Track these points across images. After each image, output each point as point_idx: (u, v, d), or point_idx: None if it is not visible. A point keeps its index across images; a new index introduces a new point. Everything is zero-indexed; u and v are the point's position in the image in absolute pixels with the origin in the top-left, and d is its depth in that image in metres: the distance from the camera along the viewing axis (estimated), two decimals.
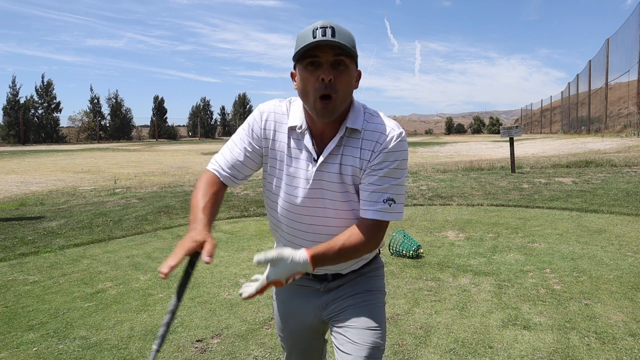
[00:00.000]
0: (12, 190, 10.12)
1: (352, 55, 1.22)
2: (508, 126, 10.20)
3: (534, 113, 61.39)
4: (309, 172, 1.31)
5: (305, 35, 1.20)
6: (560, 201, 6.68)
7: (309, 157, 1.31)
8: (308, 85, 1.21)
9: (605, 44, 26.81)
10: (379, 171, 1.27)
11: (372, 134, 1.29)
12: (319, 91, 1.19)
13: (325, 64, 1.19)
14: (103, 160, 20.31)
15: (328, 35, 1.17)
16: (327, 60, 1.19)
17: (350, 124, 1.28)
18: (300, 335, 1.55)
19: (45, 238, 5.45)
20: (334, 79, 1.19)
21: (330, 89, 1.19)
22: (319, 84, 1.19)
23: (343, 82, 1.21)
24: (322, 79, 1.18)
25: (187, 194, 8.60)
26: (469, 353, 2.51)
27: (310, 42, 1.17)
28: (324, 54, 1.19)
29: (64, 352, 2.64)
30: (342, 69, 1.21)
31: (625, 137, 20.34)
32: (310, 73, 1.20)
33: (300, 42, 1.21)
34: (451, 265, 4.02)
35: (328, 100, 1.20)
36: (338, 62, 1.20)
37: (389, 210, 1.27)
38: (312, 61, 1.20)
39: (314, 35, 1.17)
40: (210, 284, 3.73)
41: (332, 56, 1.19)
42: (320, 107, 1.21)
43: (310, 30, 1.19)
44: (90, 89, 68.01)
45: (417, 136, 63.05)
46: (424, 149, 26.26)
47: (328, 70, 1.19)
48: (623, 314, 2.91)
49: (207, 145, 37.58)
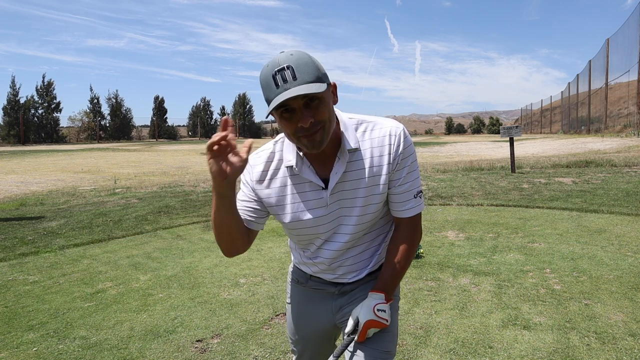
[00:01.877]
0: (12, 190, 10.12)
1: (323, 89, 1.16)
2: (508, 126, 10.20)
3: (534, 113, 61.39)
4: (324, 198, 1.32)
5: (267, 82, 1.16)
6: (560, 201, 6.68)
7: (314, 186, 1.32)
8: (289, 130, 1.20)
9: (605, 44, 26.81)
10: (402, 171, 1.33)
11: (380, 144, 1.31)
12: (302, 133, 1.18)
13: (298, 110, 1.17)
14: (103, 160, 20.31)
15: (290, 80, 1.12)
16: (299, 106, 1.16)
17: (349, 146, 1.28)
18: (313, 339, 1.56)
19: (45, 238, 5.45)
20: (313, 117, 1.17)
21: (314, 127, 1.18)
22: (299, 129, 1.18)
23: (322, 114, 1.18)
24: (301, 126, 1.17)
25: (187, 193, 8.60)
26: (469, 353, 2.51)
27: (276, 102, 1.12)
28: (293, 102, 1.15)
29: (64, 352, 2.64)
30: (317, 104, 1.17)
31: (625, 137, 20.34)
32: (287, 120, 1.19)
33: (266, 91, 1.17)
34: (451, 265, 4.02)
35: (313, 134, 1.19)
36: (308, 102, 1.17)
37: (419, 203, 1.38)
38: (285, 109, 1.17)
39: (275, 83, 1.14)
40: (210, 284, 3.73)
41: (302, 99, 1.15)
42: (308, 143, 1.20)
43: (270, 76, 1.15)
44: (90, 89, 68.12)
45: (417, 136, 63.03)
46: (424, 149, 26.26)
47: (303, 118, 1.16)
48: (623, 314, 2.91)
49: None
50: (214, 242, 5.10)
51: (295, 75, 1.13)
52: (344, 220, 1.35)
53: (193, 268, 4.20)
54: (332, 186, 1.30)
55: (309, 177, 1.31)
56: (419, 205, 1.38)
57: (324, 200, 1.32)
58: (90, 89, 69.28)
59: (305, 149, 1.24)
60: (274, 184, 1.36)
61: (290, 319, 1.60)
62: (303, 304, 1.55)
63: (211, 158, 1.12)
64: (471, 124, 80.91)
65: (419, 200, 1.37)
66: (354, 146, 1.29)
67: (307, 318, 1.54)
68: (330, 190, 1.31)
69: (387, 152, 1.31)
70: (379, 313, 1.28)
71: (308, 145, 1.21)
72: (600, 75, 28.30)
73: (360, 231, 1.37)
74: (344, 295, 1.46)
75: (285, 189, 1.35)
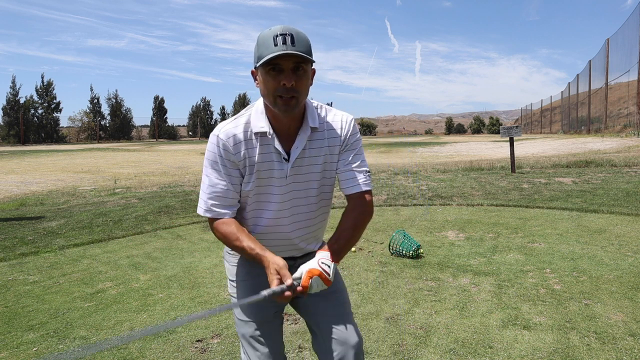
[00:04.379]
0: (12, 190, 10.12)
1: (310, 61, 1.36)
2: (508, 126, 10.20)
3: (534, 113, 61.39)
4: (284, 170, 1.46)
5: (266, 41, 1.32)
6: (560, 201, 6.68)
7: (279, 157, 1.46)
8: (270, 87, 1.35)
9: (605, 44, 26.82)
10: (350, 152, 1.51)
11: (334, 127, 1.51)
12: (281, 92, 1.34)
13: (286, 70, 1.33)
14: (103, 160, 20.31)
15: (288, 44, 1.30)
16: (288, 67, 1.33)
17: (312, 124, 1.46)
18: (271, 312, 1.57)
19: (45, 238, 5.45)
20: (295, 83, 1.33)
21: (293, 91, 1.34)
22: (280, 87, 1.33)
23: (302, 84, 1.36)
24: (283, 84, 1.33)
25: (187, 193, 8.61)
26: (469, 353, 2.51)
27: (273, 54, 1.29)
28: (285, 62, 1.32)
29: (64, 352, 2.64)
30: (301, 73, 1.35)
31: (625, 137, 20.34)
32: (272, 77, 1.33)
33: (262, 48, 1.32)
34: (451, 265, 4.02)
35: (290, 99, 1.35)
36: (297, 67, 1.34)
37: (367, 180, 1.52)
38: (274, 67, 1.32)
39: (275, 42, 1.30)
40: (210, 284, 3.73)
41: (293, 63, 1.32)
42: (282, 104, 1.35)
43: (271, 37, 1.31)
44: (91, 89, 67.95)
45: (417, 136, 63.03)
46: (424, 149, 26.26)
47: (289, 77, 1.33)
48: (623, 314, 2.91)
49: (207, 145, 37.51)
50: (214, 242, 5.10)
51: (294, 42, 1.31)
52: (298, 194, 1.50)
53: (193, 268, 4.20)
54: (293, 159, 1.45)
55: (277, 147, 1.44)
56: (367, 182, 1.51)
57: (284, 172, 1.46)
58: (90, 89, 69.14)
59: (277, 110, 1.38)
60: (248, 151, 1.45)
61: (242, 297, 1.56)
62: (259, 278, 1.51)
63: None
64: (471, 124, 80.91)
65: (367, 178, 1.52)
66: (315, 125, 1.47)
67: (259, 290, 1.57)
68: (291, 164, 1.45)
69: (339, 134, 1.50)
70: (322, 265, 1.36)
71: (281, 108, 1.36)
72: (600, 75, 28.31)
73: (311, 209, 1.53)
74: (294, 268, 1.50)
75: (256, 156, 1.45)
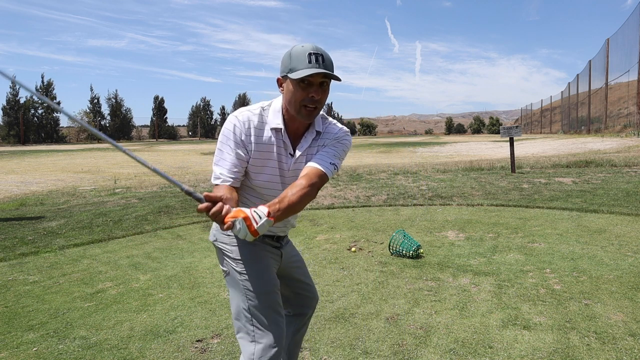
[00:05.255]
0: (12, 190, 10.12)
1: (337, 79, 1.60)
2: (508, 126, 10.20)
3: (534, 113, 61.39)
4: (288, 163, 1.71)
5: (300, 57, 1.55)
6: (560, 201, 6.67)
7: (286, 151, 1.70)
8: (298, 97, 1.59)
9: (605, 44, 26.81)
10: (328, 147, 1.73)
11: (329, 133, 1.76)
12: (306, 102, 1.59)
13: (315, 85, 1.58)
14: (103, 160, 20.31)
15: (320, 63, 1.55)
16: (317, 82, 1.58)
17: (317, 128, 1.73)
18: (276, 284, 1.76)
19: (45, 238, 5.45)
20: (319, 95, 1.59)
21: (316, 102, 1.60)
22: (307, 98, 1.58)
23: (324, 98, 1.63)
24: (312, 96, 1.58)
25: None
26: (469, 353, 2.51)
27: (311, 71, 1.53)
28: (315, 78, 1.57)
29: (64, 352, 2.64)
30: (325, 88, 1.61)
31: (625, 137, 20.34)
32: (302, 89, 1.57)
33: (295, 62, 1.56)
34: (451, 265, 4.02)
35: (313, 109, 1.61)
36: (323, 83, 1.60)
37: (327, 166, 1.65)
38: (305, 80, 1.56)
39: (309, 60, 1.54)
40: (210, 284, 3.73)
41: (321, 78, 1.57)
42: (306, 114, 1.61)
43: (305, 54, 1.55)
44: (90, 89, 67.86)
45: (417, 136, 63.03)
46: (424, 149, 26.26)
47: (317, 91, 1.58)
48: (623, 314, 2.90)
49: (207, 145, 37.57)
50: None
51: (325, 62, 1.57)
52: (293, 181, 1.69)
53: (193, 268, 4.19)
54: (297, 155, 1.70)
55: (287, 142, 1.69)
56: (329, 170, 1.65)
57: (288, 166, 1.71)
58: (90, 89, 69.07)
59: (300, 117, 1.62)
60: (261, 140, 1.68)
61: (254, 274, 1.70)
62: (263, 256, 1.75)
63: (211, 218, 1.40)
64: (471, 124, 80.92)
65: (329, 166, 1.65)
66: (320, 129, 1.73)
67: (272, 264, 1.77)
68: (295, 159, 1.70)
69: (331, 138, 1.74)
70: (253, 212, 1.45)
71: (304, 115, 1.61)
72: (600, 75, 28.30)
73: None
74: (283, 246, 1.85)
75: (272, 147, 1.68)
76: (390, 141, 39.91)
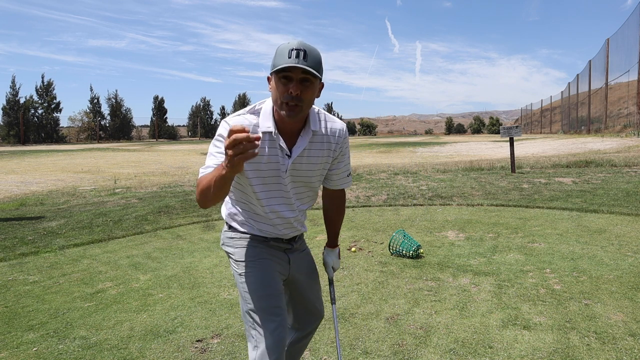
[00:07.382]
0: (12, 190, 10.12)
1: (317, 76, 1.54)
2: (508, 126, 10.19)
3: (534, 113, 61.39)
4: (285, 165, 1.66)
5: (282, 53, 1.51)
6: (560, 201, 6.68)
7: (282, 152, 1.65)
8: (278, 92, 1.55)
9: (605, 44, 26.81)
10: (344, 157, 1.82)
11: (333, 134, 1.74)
12: (287, 99, 1.53)
13: (295, 80, 1.52)
14: (103, 160, 20.31)
15: (300, 59, 1.49)
16: (297, 78, 1.52)
17: (313, 127, 1.68)
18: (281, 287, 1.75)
19: (45, 238, 5.45)
20: (301, 93, 1.53)
21: (297, 100, 1.53)
22: (287, 95, 1.53)
23: (307, 94, 1.55)
24: (290, 92, 1.52)
25: (187, 193, 8.60)
26: (469, 353, 2.51)
27: (284, 65, 1.48)
28: (295, 73, 1.51)
29: (64, 352, 2.64)
30: (307, 85, 1.54)
31: (625, 137, 20.34)
32: (282, 85, 1.53)
33: (277, 58, 1.52)
34: (451, 265, 4.02)
35: (294, 106, 1.54)
36: (305, 79, 1.53)
37: (350, 180, 1.92)
38: (285, 76, 1.52)
39: (289, 55, 1.49)
40: (210, 284, 3.73)
41: (301, 74, 1.51)
42: (287, 110, 1.55)
43: (287, 49, 1.50)
44: (91, 89, 67.74)
45: (417, 136, 63.04)
46: (424, 149, 26.26)
47: (296, 86, 1.52)
48: (623, 314, 2.91)
49: (207, 145, 37.43)
50: (214, 242, 5.10)
51: (306, 57, 1.51)
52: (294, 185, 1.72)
53: (193, 268, 4.19)
54: (294, 156, 1.66)
55: (282, 145, 1.64)
56: (350, 182, 1.93)
57: (285, 167, 1.66)
58: (90, 89, 68.96)
59: (283, 114, 1.56)
60: None
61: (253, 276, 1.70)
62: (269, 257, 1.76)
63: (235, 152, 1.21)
64: (471, 124, 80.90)
65: (350, 179, 1.92)
66: (316, 128, 1.69)
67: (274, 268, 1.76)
68: (292, 160, 1.65)
69: (335, 141, 1.74)
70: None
71: (286, 112, 1.55)
72: (600, 75, 28.30)
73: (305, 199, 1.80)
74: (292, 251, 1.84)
75: (264, 150, 1.64)
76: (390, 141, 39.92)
